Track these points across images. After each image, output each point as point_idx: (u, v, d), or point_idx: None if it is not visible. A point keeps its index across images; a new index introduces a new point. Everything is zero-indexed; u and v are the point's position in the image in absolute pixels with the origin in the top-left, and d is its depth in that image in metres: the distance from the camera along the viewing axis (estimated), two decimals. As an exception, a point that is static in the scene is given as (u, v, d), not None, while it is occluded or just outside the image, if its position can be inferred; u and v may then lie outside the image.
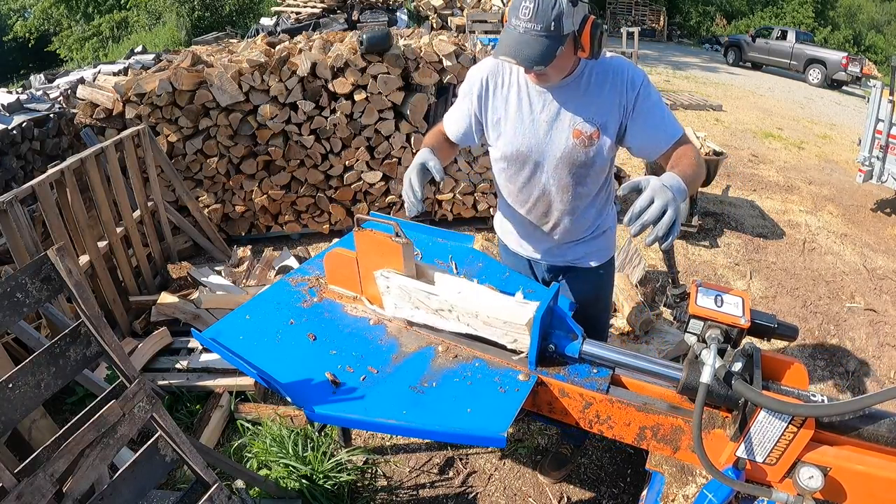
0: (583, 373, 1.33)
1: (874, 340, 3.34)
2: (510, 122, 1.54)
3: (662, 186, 1.18)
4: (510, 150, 1.56)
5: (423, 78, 3.66)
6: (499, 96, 1.55)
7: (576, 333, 1.34)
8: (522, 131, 1.53)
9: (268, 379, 1.31)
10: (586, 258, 1.77)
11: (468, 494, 2.16)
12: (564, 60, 1.36)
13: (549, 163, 1.54)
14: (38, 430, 1.98)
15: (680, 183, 1.23)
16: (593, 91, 1.46)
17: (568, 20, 1.27)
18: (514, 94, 1.53)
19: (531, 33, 1.27)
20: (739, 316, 1.16)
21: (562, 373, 1.33)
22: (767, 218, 5.03)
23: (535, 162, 1.55)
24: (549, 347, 1.34)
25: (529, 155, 1.54)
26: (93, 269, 2.70)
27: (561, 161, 1.52)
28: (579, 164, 1.52)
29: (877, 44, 21.94)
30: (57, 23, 17.13)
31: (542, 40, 1.27)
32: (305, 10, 9.52)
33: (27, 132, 3.76)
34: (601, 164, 1.55)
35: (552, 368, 1.34)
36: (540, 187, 1.60)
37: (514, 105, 1.53)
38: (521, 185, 1.62)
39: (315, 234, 4.10)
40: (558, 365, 1.35)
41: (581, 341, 1.33)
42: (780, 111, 10.06)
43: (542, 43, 1.27)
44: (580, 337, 1.33)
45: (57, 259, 1.09)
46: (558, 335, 1.34)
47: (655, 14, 20.47)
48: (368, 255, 1.51)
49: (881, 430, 1.08)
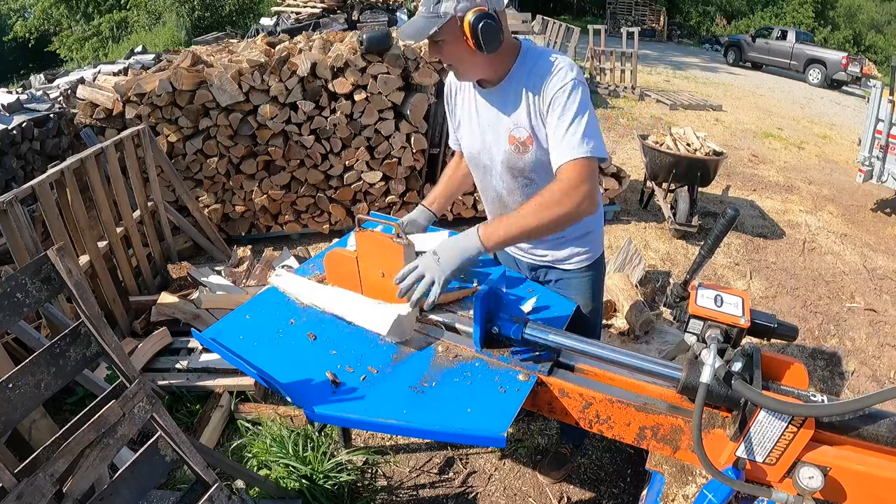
0: (525, 355, 1.37)
1: (874, 340, 3.35)
2: (464, 125, 1.62)
3: (430, 256, 1.35)
4: (466, 152, 1.66)
5: (423, 78, 3.66)
6: (458, 101, 1.63)
7: (519, 317, 1.36)
8: (471, 135, 1.59)
9: (268, 379, 1.31)
10: (567, 259, 1.72)
11: (468, 494, 2.16)
12: (455, 48, 1.38)
13: (494, 167, 1.57)
14: (38, 430, 1.98)
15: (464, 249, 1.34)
16: (529, 93, 1.42)
17: (448, 3, 1.31)
18: (466, 99, 1.59)
19: (419, 15, 1.36)
20: (739, 316, 1.16)
21: (505, 354, 1.37)
22: (767, 218, 5.03)
23: (484, 165, 1.60)
24: (493, 330, 1.37)
25: (479, 158, 1.60)
26: (93, 269, 2.70)
27: (503, 165, 1.54)
28: (519, 169, 1.52)
29: (877, 44, 21.94)
30: (57, 23, 17.13)
31: (423, 20, 1.34)
32: (305, 10, 9.53)
33: (27, 132, 3.76)
34: (543, 169, 1.48)
35: (496, 350, 1.38)
36: (493, 189, 1.64)
37: (465, 109, 1.60)
38: (481, 185, 1.70)
39: (315, 234, 4.10)
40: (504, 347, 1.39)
41: (523, 324, 1.35)
42: (780, 111, 10.07)
43: (423, 22, 1.34)
44: (523, 320, 1.35)
45: (57, 259, 1.09)
46: (502, 318, 1.37)
47: (655, 14, 20.49)
48: (369, 256, 1.51)
49: (881, 430, 1.08)
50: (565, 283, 1.75)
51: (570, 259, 1.71)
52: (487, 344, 1.38)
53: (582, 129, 1.33)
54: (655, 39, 19.82)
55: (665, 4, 21.27)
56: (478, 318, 1.33)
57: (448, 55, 1.41)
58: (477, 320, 1.33)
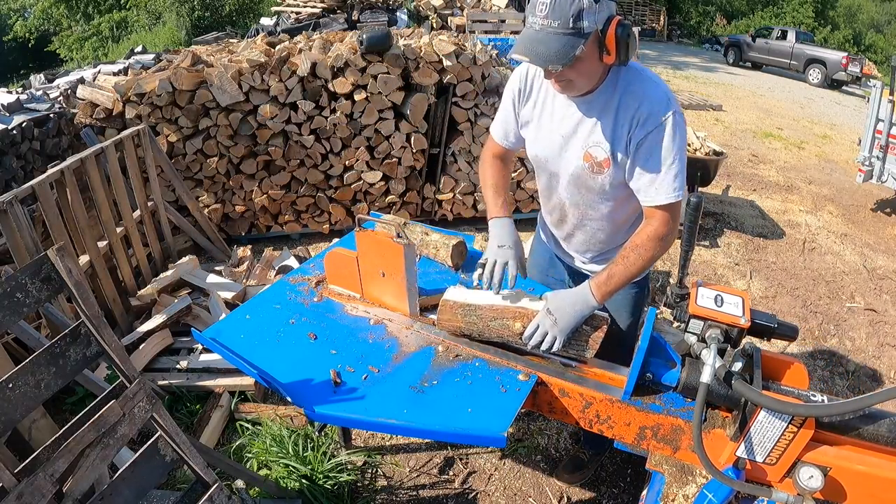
0: (678, 402, 1.27)
1: (874, 340, 3.34)
2: (535, 126, 1.51)
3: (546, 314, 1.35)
4: (532, 153, 1.55)
5: (423, 78, 3.66)
6: (531, 98, 1.50)
7: (674, 362, 1.30)
8: (542, 139, 1.49)
9: (268, 378, 1.31)
10: None
11: (468, 494, 2.16)
12: (587, 65, 1.25)
13: (562, 177, 1.50)
14: (38, 430, 1.98)
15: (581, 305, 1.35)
16: (617, 113, 1.33)
17: (589, 17, 1.17)
18: (541, 99, 1.47)
19: (547, 30, 1.18)
20: (739, 316, 1.16)
21: (657, 402, 1.28)
22: (767, 218, 5.03)
23: (551, 172, 1.53)
24: (647, 376, 1.29)
25: (546, 164, 1.52)
26: (93, 269, 2.70)
27: (571, 179, 1.47)
28: (588, 188, 1.46)
29: (877, 44, 21.95)
30: (57, 23, 17.11)
31: (558, 38, 1.17)
32: (305, 10, 9.52)
33: (27, 132, 3.76)
34: (614, 193, 1.44)
35: (646, 398, 1.28)
36: (556, 196, 1.58)
37: (539, 110, 1.48)
38: (543, 187, 1.63)
39: (315, 234, 4.09)
40: (652, 394, 1.30)
41: (679, 370, 1.26)
42: (780, 111, 10.06)
43: (559, 40, 1.17)
44: (679, 365, 1.28)
45: (57, 259, 1.09)
46: (656, 363, 1.30)
47: (655, 14, 20.47)
48: (369, 256, 1.51)
49: (881, 430, 1.08)
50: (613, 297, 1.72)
51: None
52: (636, 391, 1.28)
53: (676, 171, 1.31)
54: (655, 39, 19.81)
55: (665, 4, 21.25)
56: (636, 366, 1.23)
57: (577, 72, 1.26)
58: (635, 369, 1.24)
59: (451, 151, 3.95)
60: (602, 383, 1.34)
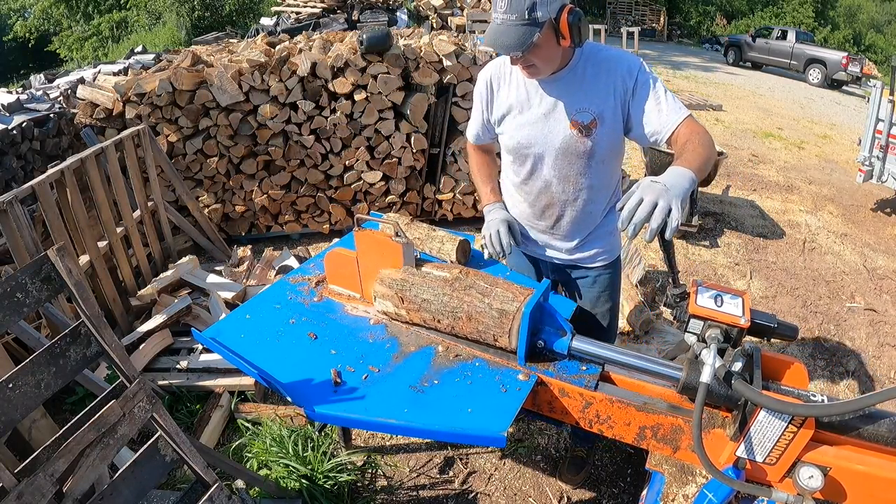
0: (571, 369, 1.34)
1: (874, 340, 3.34)
2: (511, 116, 1.61)
3: (651, 183, 1.14)
4: (512, 143, 1.63)
5: (423, 78, 3.66)
6: (502, 94, 1.62)
7: (565, 330, 1.34)
8: (522, 125, 1.59)
9: (268, 378, 1.31)
10: (592, 258, 1.78)
11: (468, 494, 2.16)
12: (546, 50, 1.40)
13: (549, 155, 1.59)
14: (38, 430, 1.98)
15: (680, 175, 1.20)
16: (589, 81, 1.50)
17: (542, 8, 1.32)
18: (513, 90, 1.59)
19: (507, 23, 1.34)
20: (739, 315, 1.16)
21: (550, 369, 1.34)
22: (767, 218, 5.03)
23: (536, 154, 1.60)
24: (539, 343, 1.35)
25: (530, 147, 1.60)
26: (93, 269, 2.70)
27: (560, 152, 1.56)
28: (579, 154, 1.56)
29: (877, 44, 21.96)
30: (57, 23, 17.12)
31: (517, 28, 1.34)
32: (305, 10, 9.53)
33: (27, 132, 3.76)
34: (602, 154, 1.56)
35: (541, 364, 1.35)
36: (542, 180, 1.64)
37: (513, 100, 1.59)
38: (525, 177, 1.68)
39: (315, 234, 4.10)
40: (547, 361, 1.36)
41: (570, 338, 1.33)
42: (780, 111, 10.06)
43: (518, 30, 1.34)
44: (569, 333, 1.34)
45: (57, 259, 1.09)
46: (548, 331, 1.35)
47: (655, 14, 20.46)
48: (368, 255, 1.51)
49: (881, 430, 1.08)
50: (590, 281, 1.81)
51: (594, 258, 1.78)
52: (531, 358, 1.34)
53: (670, 96, 1.47)
54: (655, 39, 19.79)
55: (665, 4, 21.24)
56: (523, 332, 1.28)
57: (538, 57, 1.41)
58: (522, 334, 1.29)
59: (452, 151, 3.95)
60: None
